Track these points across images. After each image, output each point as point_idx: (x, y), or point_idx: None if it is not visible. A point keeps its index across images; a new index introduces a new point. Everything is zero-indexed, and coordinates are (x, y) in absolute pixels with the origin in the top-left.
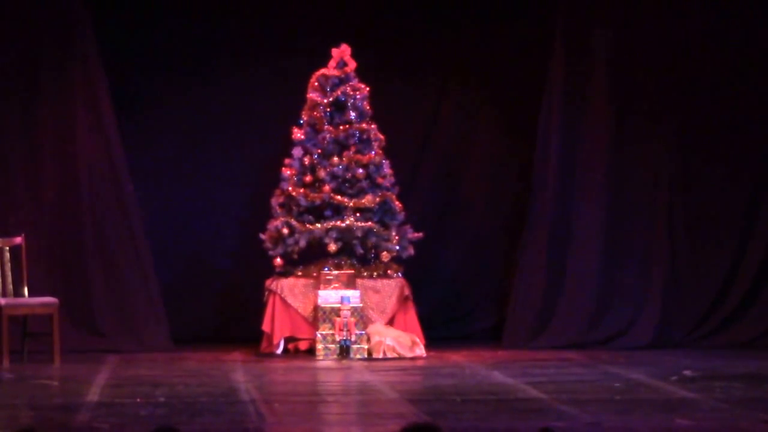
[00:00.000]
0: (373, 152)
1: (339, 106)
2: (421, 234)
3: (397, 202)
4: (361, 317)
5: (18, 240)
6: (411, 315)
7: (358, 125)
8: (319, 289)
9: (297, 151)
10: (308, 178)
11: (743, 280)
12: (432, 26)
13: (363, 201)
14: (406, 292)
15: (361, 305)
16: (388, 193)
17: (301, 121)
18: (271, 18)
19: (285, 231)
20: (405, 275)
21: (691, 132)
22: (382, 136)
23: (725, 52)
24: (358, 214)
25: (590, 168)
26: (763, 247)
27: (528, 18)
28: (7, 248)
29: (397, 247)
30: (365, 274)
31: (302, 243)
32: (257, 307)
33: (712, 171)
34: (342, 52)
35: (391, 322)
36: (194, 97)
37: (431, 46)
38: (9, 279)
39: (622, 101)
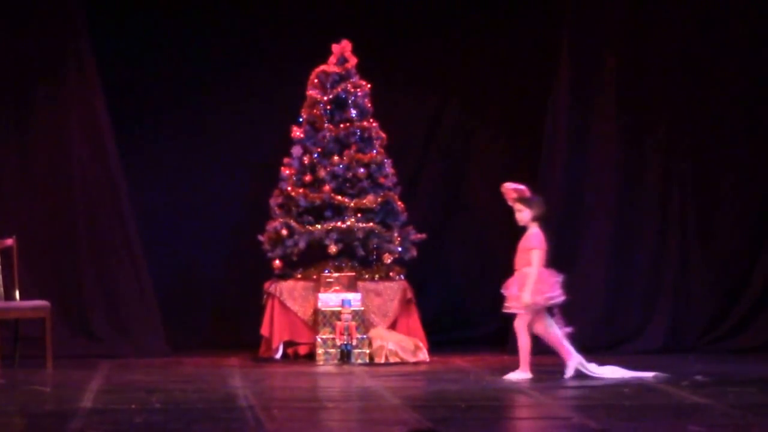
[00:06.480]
0: (374, 151)
1: (339, 104)
2: (424, 235)
3: (399, 203)
4: (363, 321)
5: (9, 242)
6: (414, 318)
7: (359, 123)
8: (319, 291)
9: (296, 150)
10: (308, 178)
11: (755, 284)
12: (435, 24)
13: (364, 201)
14: (409, 295)
15: (362, 308)
16: (390, 193)
17: (301, 119)
18: (271, 15)
19: (284, 232)
20: (407, 277)
21: (702, 136)
22: (383, 135)
23: (734, 54)
24: (359, 215)
25: (598, 171)
26: None
27: (534, 16)
28: None
29: (400, 249)
30: (366, 276)
31: (302, 244)
32: (256, 311)
33: (724, 175)
34: (342, 47)
35: (393, 326)
36: (191, 95)
37: (434, 44)
38: (0, 282)
39: (631, 103)
